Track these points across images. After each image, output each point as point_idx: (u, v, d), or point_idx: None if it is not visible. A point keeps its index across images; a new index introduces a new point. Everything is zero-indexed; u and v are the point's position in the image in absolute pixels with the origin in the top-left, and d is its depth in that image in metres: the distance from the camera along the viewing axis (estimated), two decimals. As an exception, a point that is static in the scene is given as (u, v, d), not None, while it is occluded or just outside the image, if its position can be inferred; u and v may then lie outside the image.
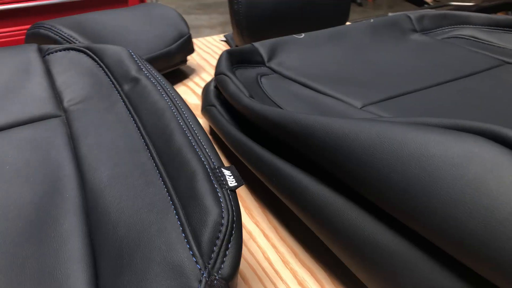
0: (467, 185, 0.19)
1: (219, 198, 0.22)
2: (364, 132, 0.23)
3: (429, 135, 0.21)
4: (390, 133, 0.22)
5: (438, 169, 0.20)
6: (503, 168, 0.18)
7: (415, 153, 0.21)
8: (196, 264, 0.20)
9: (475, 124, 0.21)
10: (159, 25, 0.55)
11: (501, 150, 0.19)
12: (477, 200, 0.18)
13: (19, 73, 0.34)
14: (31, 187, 0.26)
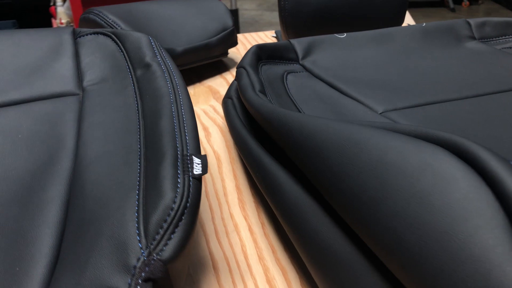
0: (413, 197, 0.18)
1: (177, 184, 0.22)
2: (333, 133, 0.22)
3: (391, 142, 0.20)
4: (356, 137, 0.21)
5: (390, 178, 0.19)
6: (451, 184, 0.17)
7: (372, 160, 0.20)
8: (138, 243, 0.20)
9: (442, 135, 0.19)
10: (203, 17, 0.57)
11: (457, 165, 0.17)
12: (418, 213, 0.17)
13: (50, 53, 0.37)
14: (34, 156, 0.29)
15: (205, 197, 0.34)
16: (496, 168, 0.16)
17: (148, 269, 0.20)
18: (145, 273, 0.20)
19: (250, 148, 0.32)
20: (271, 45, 0.48)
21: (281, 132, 0.26)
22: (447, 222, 0.16)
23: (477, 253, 0.15)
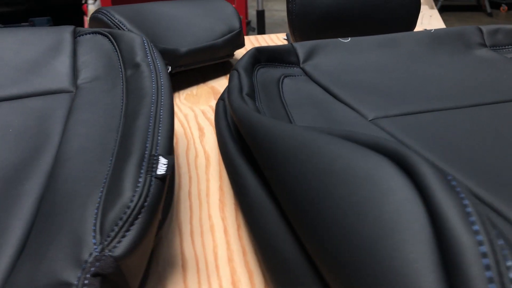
0: (352, 206, 0.18)
1: (138, 183, 0.23)
2: (292, 139, 0.23)
3: (340, 151, 0.20)
4: (311, 144, 0.21)
5: (335, 186, 0.19)
6: (386, 196, 0.17)
7: (322, 167, 0.20)
8: (93, 239, 0.21)
9: (389, 145, 0.19)
10: (210, 19, 0.57)
11: (395, 177, 0.17)
12: (354, 222, 0.17)
13: (50, 51, 0.39)
14: (20, 149, 0.30)
15: (187, 197, 0.35)
16: (431, 184, 0.16)
17: (99, 265, 0.20)
18: (95, 268, 0.20)
19: (228, 149, 0.32)
20: (271, 48, 0.48)
21: (249, 135, 0.27)
22: (377, 233, 0.16)
23: (398, 266, 0.15)
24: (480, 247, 0.14)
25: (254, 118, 0.27)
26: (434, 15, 2.42)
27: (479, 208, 0.15)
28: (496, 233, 0.14)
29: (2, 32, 0.40)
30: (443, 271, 0.14)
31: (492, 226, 0.15)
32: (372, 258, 0.16)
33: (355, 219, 0.17)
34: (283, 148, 0.22)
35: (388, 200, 0.17)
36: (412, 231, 0.15)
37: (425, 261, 0.15)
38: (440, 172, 0.17)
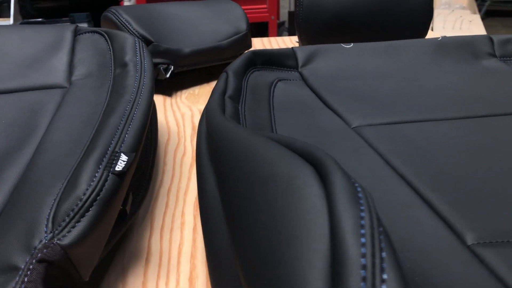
0: (269, 211, 0.18)
1: (94, 178, 0.24)
2: (238, 142, 0.23)
3: (272, 157, 0.20)
4: (251, 148, 0.22)
5: (258, 190, 0.19)
6: (300, 204, 0.17)
7: (253, 171, 0.21)
8: (45, 227, 0.23)
9: (311, 151, 0.20)
10: (218, 21, 0.58)
11: (311, 187, 0.18)
12: (258, 220, 0.18)
13: (50, 48, 0.41)
14: (8, 140, 0.32)
15: (166, 193, 0.36)
16: (337, 194, 0.17)
17: (46, 252, 0.22)
18: (42, 255, 0.22)
19: (198, 150, 0.33)
20: (269, 51, 0.48)
21: (210, 136, 0.27)
22: (284, 239, 0.17)
23: (293, 274, 0.16)
24: (362, 259, 0.14)
25: (216, 120, 0.27)
26: (475, 20, 2.34)
27: (374, 220, 0.15)
28: (382, 246, 0.15)
29: (10, 28, 0.42)
30: (331, 281, 0.15)
31: (381, 240, 0.15)
32: (276, 264, 0.16)
33: (271, 224, 0.18)
34: (230, 151, 0.23)
35: (299, 208, 0.17)
36: (312, 240, 0.16)
37: (317, 271, 0.15)
38: (350, 183, 0.17)
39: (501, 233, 0.24)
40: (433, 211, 0.26)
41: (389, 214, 0.26)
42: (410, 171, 0.30)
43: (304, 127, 0.37)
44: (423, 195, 0.28)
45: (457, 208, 0.26)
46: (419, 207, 0.27)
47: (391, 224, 0.25)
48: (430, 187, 0.28)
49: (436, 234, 0.24)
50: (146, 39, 0.51)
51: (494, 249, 0.23)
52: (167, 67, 0.52)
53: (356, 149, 0.34)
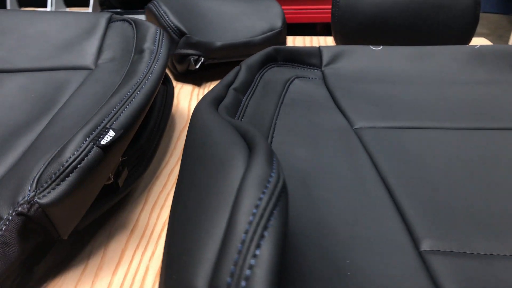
0: (196, 181, 0.20)
1: (79, 148, 0.27)
2: (200, 124, 0.25)
3: (216, 137, 0.22)
4: (203, 130, 0.24)
5: (195, 165, 0.21)
6: (225, 174, 0.19)
7: (195, 153, 0.22)
8: (29, 186, 0.26)
9: (256, 140, 0.21)
10: (254, 17, 0.60)
11: (241, 165, 0.19)
12: (188, 194, 0.20)
13: (85, 33, 0.45)
14: (32, 112, 0.36)
15: (167, 175, 0.38)
16: (248, 177, 0.18)
17: (26, 207, 0.25)
18: (22, 209, 0.25)
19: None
20: (292, 48, 0.49)
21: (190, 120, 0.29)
22: (201, 205, 0.18)
23: (194, 242, 0.17)
24: (243, 234, 0.15)
25: (198, 106, 0.29)
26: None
27: (271, 203, 0.16)
28: (268, 226, 0.16)
29: (55, 14, 0.47)
30: (218, 253, 0.16)
31: (271, 220, 0.16)
32: (187, 233, 0.18)
33: (196, 196, 0.19)
34: (192, 134, 0.25)
35: (219, 188, 0.18)
36: (219, 215, 0.17)
37: (214, 242, 0.16)
38: (266, 169, 0.18)
39: (457, 244, 0.24)
40: (399, 215, 0.26)
41: (356, 212, 0.27)
42: (392, 174, 0.30)
43: (304, 123, 0.38)
44: (396, 198, 0.28)
45: (423, 215, 0.26)
46: (387, 209, 0.27)
47: (354, 222, 0.26)
48: (406, 192, 0.28)
49: (392, 236, 0.25)
50: (180, 31, 0.54)
51: (444, 258, 0.23)
52: (197, 59, 0.54)
53: (349, 149, 0.34)
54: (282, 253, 0.15)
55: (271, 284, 0.14)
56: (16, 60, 0.42)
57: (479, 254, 0.23)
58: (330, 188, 0.29)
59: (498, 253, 0.23)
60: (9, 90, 0.39)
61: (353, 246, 0.23)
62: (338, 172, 0.31)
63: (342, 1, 0.58)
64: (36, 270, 0.28)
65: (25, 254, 0.25)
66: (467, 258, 0.23)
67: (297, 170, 0.31)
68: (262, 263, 0.14)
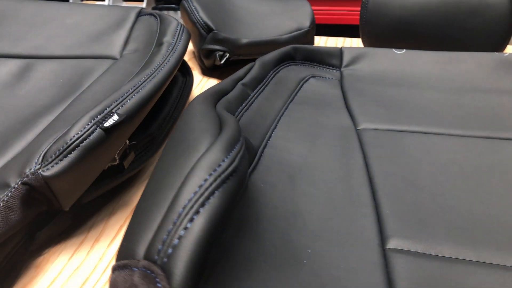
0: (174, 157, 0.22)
1: (83, 128, 0.30)
2: (187, 112, 0.27)
3: (195, 124, 0.24)
4: (187, 118, 0.25)
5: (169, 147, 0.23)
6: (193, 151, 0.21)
7: (177, 137, 0.24)
8: (36, 160, 0.28)
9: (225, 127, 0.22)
10: (283, 16, 0.61)
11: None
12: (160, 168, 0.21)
13: (114, 25, 0.48)
14: (58, 95, 0.40)
15: (175, 161, 0.41)
16: (216, 143, 0.19)
17: (30, 178, 0.28)
18: (27, 179, 0.27)
19: None
20: (312, 48, 0.50)
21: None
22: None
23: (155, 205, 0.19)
24: (192, 194, 0.17)
25: (198, 98, 0.31)
26: None
27: (222, 178, 0.18)
28: (216, 192, 0.17)
29: (91, 7, 0.51)
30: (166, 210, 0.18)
31: (220, 187, 0.17)
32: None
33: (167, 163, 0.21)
34: (179, 122, 0.27)
35: (186, 159, 0.20)
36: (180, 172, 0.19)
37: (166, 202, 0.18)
38: (225, 149, 0.19)
39: (423, 246, 0.24)
40: (376, 214, 0.27)
41: (334, 208, 0.27)
42: (381, 175, 0.31)
43: (309, 121, 0.39)
44: (377, 198, 0.28)
45: (398, 215, 0.26)
46: (365, 207, 0.27)
47: (329, 217, 0.26)
48: (388, 192, 0.29)
49: (362, 232, 0.25)
50: (208, 27, 0.56)
51: (406, 257, 0.23)
52: (223, 54, 0.56)
53: (345, 148, 0.35)
54: (214, 230, 0.16)
55: (194, 253, 0.15)
56: (52, 47, 0.46)
57: (443, 257, 0.23)
58: (315, 183, 0.30)
59: (464, 258, 0.23)
60: (41, 74, 0.42)
61: (319, 238, 0.24)
62: (328, 168, 0.32)
63: (370, 3, 0.58)
64: (38, 236, 0.31)
65: (26, 220, 0.28)
66: (429, 259, 0.23)
67: (287, 164, 0.32)
68: (190, 235, 0.16)
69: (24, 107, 0.38)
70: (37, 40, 0.47)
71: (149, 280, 0.15)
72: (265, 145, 0.33)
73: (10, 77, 0.42)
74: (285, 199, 0.27)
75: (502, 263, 0.23)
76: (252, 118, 0.35)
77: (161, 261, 0.15)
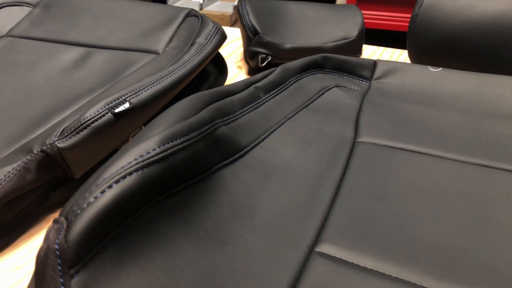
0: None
1: (96, 111, 0.35)
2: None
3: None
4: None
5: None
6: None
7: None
8: (55, 134, 0.34)
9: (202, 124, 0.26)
10: (332, 24, 0.62)
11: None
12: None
13: (164, 23, 0.53)
14: (102, 81, 0.46)
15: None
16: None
17: (48, 147, 0.34)
18: (45, 148, 0.34)
19: None
20: (344, 58, 0.51)
21: None
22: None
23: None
24: (113, 172, 0.21)
25: (198, 93, 0.34)
26: None
27: (143, 163, 0.21)
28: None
29: (148, 5, 0.57)
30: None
31: (134, 172, 0.21)
32: None
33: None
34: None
35: (137, 142, 0.24)
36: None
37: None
38: (160, 141, 0.23)
39: (349, 255, 0.25)
40: (324, 219, 0.29)
41: (289, 208, 0.29)
42: (350, 186, 0.32)
43: (311, 128, 0.40)
44: (333, 206, 0.30)
45: (342, 225, 0.28)
46: (317, 212, 0.29)
47: (279, 215, 0.29)
48: (345, 203, 0.30)
49: (300, 232, 0.27)
50: (255, 30, 0.59)
51: (325, 261, 0.25)
52: (265, 57, 0.59)
53: (333, 157, 0.36)
54: (121, 203, 0.20)
55: (94, 218, 0.19)
56: (110, 39, 0.53)
57: (364, 268, 0.24)
58: (286, 185, 0.32)
59: (384, 272, 0.24)
60: (96, 62, 0.49)
61: (258, 231, 0.27)
62: (306, 173, 0.34)
63: (419, 17, 0.57)
64: (52, 196, 0.37)
65: (40, 181, 0.34)
66: (348, 267, 0.24)
67: (268, 164, 0.34)
68: (97, 203, 0.19)
69: (73, 89, 0.45)
70: (101, 31, 0.54)
71: (57, 232, 0.19)
72: (255, 144, 0.36)
73: (72, 62, 0.50)
74: (247, 193, 0.30)
75: (419, 282, 0.23)
76: (253, 118, 0.38)
77: (69, 219, 0.19)
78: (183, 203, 0.26)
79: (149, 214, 0.23)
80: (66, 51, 0.52)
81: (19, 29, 0.57)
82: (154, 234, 0.23)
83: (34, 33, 0.56)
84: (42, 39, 0.55)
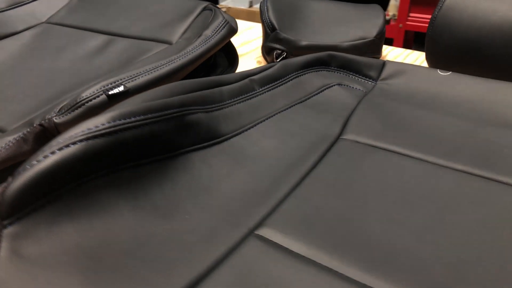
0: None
1: (92, 92, 0.38)
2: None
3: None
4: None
5: None
6: None
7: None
8: (54, 110, 0.38)
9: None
10: (352, 24, 0.62)
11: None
12: None
13: (182, 16, 0.56)
14: (112, 68, 0.49)
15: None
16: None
17: (46, 121, 0.37)
18: (44, 122, 0.37)
19: None
20: (350, 57, 0.51)
21: None
22: None
23: None
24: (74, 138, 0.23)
25: (174, 83, 0.36)
26: None
27: (88, 135, 0.24)
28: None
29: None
30: None
31: (78, 142, 0.23)
32: None
33: None
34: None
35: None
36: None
37: None
38: (110, 117, 0.25)
39: (287, 240, 0.26)
40: (276, 206, 0.29)
41: (244, 191, 0.31)
42: (314, 179, 0.33)
43: (299, 122, 0.41)
44: (290, 194, 0.31)
45: (290, 213, 0.29)
46: (271, 200, 0.30)
47: (232, 197, 0.30)
48: (302, 194, 0.31)
49: (247, 216, 0.28)
50: (272, 26, 0.61)
51: (261, 243, 0.26)
52: (280, 53, 0.60)
53: (309, 151, 0.37)
54: (60, 169, 0.22)
55: (31, 178, 0.21)
56: (132, 29, 0.57)
57: (297, 254, 0.25)
58: (252, 173, 0.33)
59: (314, 259, 0.25)
60: (115, 49, 0.53)
61: (207, 210, 0.28)
62: (275, 164, 0.35)
63: (438, 20, 0.55)
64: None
65: (35, 151, 0.37)
66: (280, 251, 0.25)
67: (243, 153, 0.35)
68: (37, 166, 0.22)
69: (89, 73, 0.48)
70: (124, 21, 0.58)
71: (2, 190, 0.22)
72: (237, 134, 0.37)
73: (94, 48, 0.54)
74: (211, 177, 0.32)
75: (345, 272, 0.24)
76: (241, 109, 0.40)
77: (14, 177, 0.22)
78: (138, 178, 0.28)
79: (95, 183, 0.25)
80: (92, 38, 0.56)
81: (56, 17, 0.62)
82: (97, 201, 0.25)
83: (68, 20, 0.61)
84: (74, 26, 0.59)
